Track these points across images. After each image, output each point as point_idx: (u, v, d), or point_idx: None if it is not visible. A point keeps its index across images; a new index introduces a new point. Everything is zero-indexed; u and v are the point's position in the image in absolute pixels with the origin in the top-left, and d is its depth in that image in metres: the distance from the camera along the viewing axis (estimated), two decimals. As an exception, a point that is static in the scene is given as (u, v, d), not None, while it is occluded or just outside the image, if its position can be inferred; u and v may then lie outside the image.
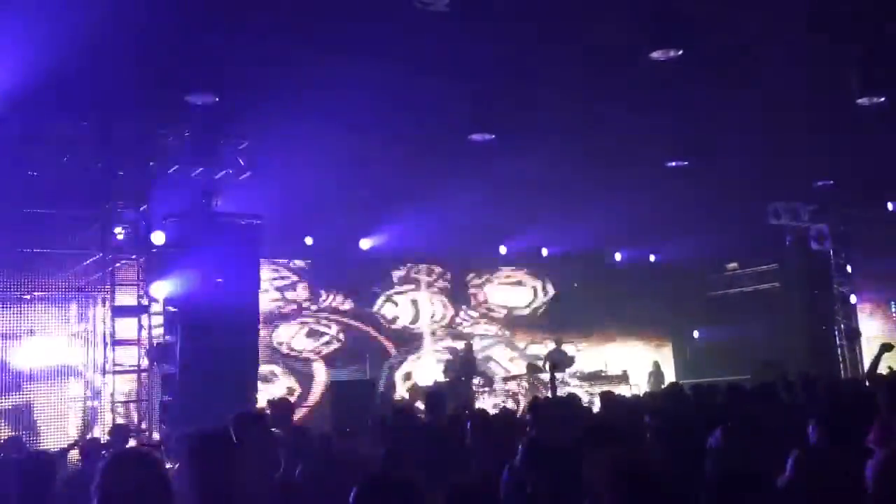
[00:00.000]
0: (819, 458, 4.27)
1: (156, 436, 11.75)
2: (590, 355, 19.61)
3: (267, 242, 12.96)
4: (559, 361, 16.34)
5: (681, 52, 9.18)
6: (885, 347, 8.93)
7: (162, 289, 11.94)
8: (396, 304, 18.25)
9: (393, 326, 18.09)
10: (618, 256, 20.61)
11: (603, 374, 18.10)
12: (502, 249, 18.82)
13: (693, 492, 3.72)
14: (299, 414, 14.03)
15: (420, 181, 14.33)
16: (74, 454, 9.32)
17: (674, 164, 14.45)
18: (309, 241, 16.26)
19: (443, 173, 14.09)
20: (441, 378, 15.92)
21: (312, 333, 16.86)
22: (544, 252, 19.61)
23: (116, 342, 12.16)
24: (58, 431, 11.71)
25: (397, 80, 10.78)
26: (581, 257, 19.97)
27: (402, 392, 16.59)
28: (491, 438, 5.29)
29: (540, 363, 17.69)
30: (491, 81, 11.08)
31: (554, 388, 8.61)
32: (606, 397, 8.58)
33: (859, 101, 10.64)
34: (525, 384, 17.76)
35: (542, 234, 18.42)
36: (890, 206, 17.83)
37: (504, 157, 13.41)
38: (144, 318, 12.33)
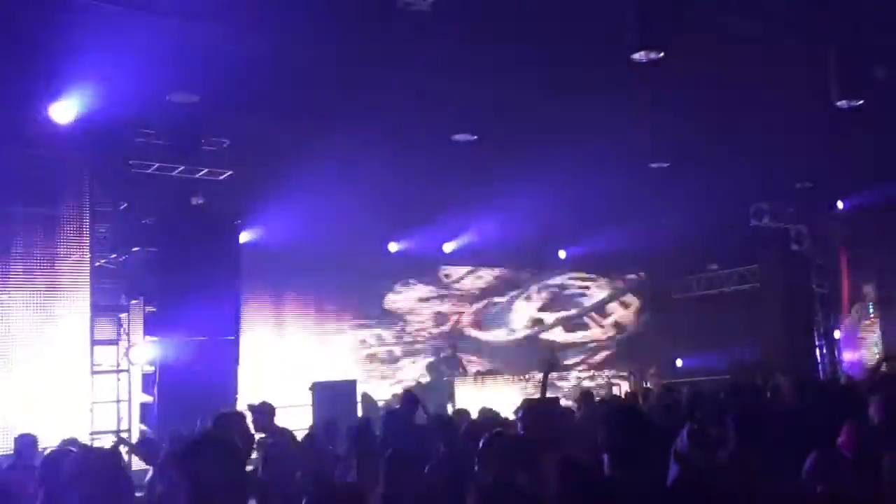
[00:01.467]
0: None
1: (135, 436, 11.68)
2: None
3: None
4: (553, 363, 16.39)
5: (662, 54, 9.20)
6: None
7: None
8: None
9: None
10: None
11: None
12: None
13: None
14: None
15: (403, 181, 14.34)
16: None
17: (655, 165, 14.52)
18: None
19: (425, 173, 14.11)
20: (425, 378, 15.96)
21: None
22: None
23: (96, 342, 12.08)
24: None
25: (380, 79, 10.78)
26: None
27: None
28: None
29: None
30: (474, 82, 11.09)
31: (545, 390, 8.62)
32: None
33: (838, 103, 10.72)
34: None
35: (520, 232, 18.43)
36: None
37: (486, 158, 13.43)
38: (124, 316, 12.29)
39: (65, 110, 10.76)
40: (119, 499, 3.63)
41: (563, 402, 10.74)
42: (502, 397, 13.64)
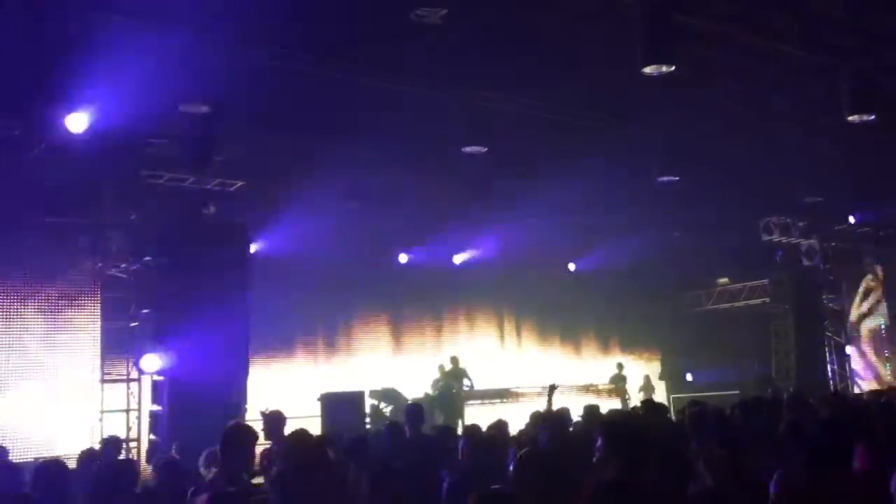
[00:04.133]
0: (801, 479, 4.23)
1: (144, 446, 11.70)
2: (583, 368, 19.64)
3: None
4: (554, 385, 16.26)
5: (673, 68, 9.21)
6: None
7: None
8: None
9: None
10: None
11: (593, 388, 18.09)
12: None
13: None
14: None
15: (412, 192, 14.38)
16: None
17: (665, 179, 14.50)
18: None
19: (435, 186, 14.13)
20: (431, 392, 15.89)
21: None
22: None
23: (106, 351, 12.11)
24: (45, 440, 11.65)
25: (392, 91, 10.83)
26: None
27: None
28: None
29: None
30: (484, 94, 11.12)
31: (550, 402, 8.64)
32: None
33: (850, 118, 10.70)
34: None
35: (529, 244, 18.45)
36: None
37: (497, 170, 13.45)
38: (134, 326, 12.32)
39: (78, 120, 10.83)
40: None
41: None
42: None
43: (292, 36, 9.37)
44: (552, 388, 8.52)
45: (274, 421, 7.76)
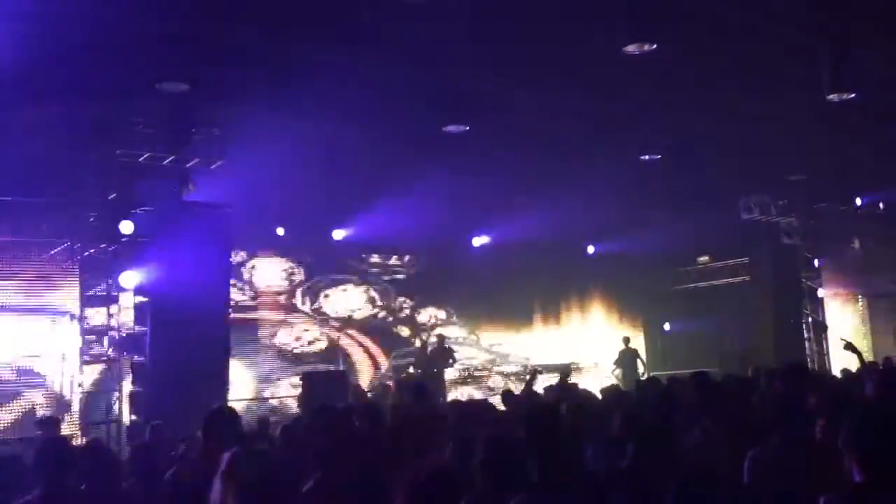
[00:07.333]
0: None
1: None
2: (562, 346, 19.73)
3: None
4: (535, 371, 16.24)
5: (654, 46, 9.20)
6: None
7: (131, 279, 11.79)
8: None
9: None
10: (590, 249, 20.62)
11: (574, 367, 18.15)
12: (476, 241, 18.85)
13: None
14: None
15: (393, 171, 14.30)
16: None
17: (647, 157, 14.52)
18: (280, 231, 16.19)
19: (417, 164, 14.07)
20: (412, 371, 15.91)
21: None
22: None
23: (85, 331, 12.05)
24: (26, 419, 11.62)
25: (372, 70, 10.76)
26: (554, 248, 19.99)
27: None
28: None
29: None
30: (466, 73, 11.07)
31: (529, 388, 8.61)
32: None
33: (830, 97, 10.73)
34: None
35: (514, 225, 18.42)
36: (858, 200, 18.03)
37: (478, 148, 13.42)
38: (114, 307, 12.24)
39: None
40: None
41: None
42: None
43: (271, 16, 9.27)
44: (534, 373, 8.39)
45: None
